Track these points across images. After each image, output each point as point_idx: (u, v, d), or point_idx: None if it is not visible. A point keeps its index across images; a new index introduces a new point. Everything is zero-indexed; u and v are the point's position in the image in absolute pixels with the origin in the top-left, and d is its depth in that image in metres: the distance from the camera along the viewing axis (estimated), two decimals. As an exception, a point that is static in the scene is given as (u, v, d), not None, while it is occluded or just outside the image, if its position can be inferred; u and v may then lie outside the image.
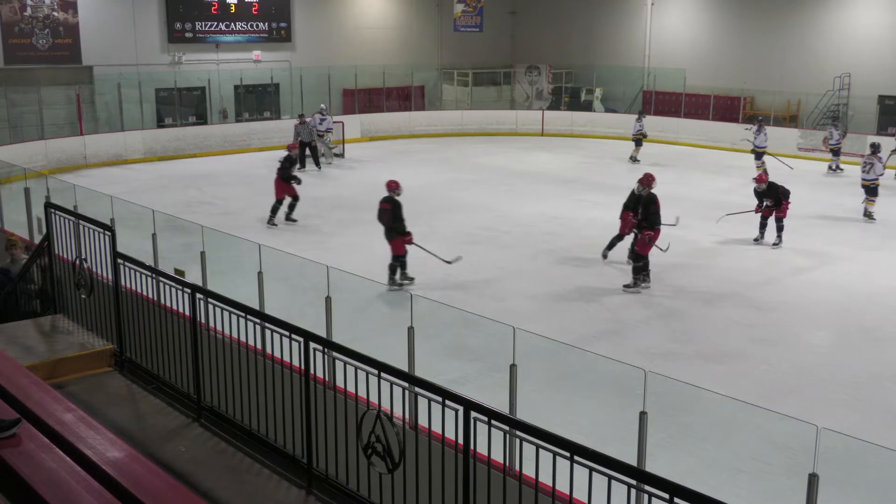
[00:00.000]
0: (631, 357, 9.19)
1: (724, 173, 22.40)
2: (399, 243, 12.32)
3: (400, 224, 12.28)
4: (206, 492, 5.82)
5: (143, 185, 20.15)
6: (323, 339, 5.90)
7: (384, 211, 12.37)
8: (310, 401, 5.87)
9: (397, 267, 12.39)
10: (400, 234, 12.27)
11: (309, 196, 19.30)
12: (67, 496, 4.04)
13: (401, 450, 5.17)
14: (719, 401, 7.65)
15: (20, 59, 23.64)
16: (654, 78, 30.29)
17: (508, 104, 32.85)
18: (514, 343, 5.46)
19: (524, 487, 4.70)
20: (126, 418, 7.04)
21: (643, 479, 3.99)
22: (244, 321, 6.45)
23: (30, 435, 4.61)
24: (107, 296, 8.15)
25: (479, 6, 30.56)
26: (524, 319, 10.42)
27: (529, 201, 18.61)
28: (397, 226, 12.27)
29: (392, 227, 12.28)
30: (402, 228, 12.29)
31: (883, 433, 7.94)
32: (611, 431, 7.77)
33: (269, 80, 27.78)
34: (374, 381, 5.32)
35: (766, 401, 7.66)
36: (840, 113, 25.76)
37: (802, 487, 4.30)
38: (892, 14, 25.09)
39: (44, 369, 7.51)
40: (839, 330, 11.22)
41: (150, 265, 7.85)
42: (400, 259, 12.39)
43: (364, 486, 5.65)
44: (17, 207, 12.54)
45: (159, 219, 9.54)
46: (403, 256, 12.38)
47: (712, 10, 29.26)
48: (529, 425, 4.48)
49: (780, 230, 14.74)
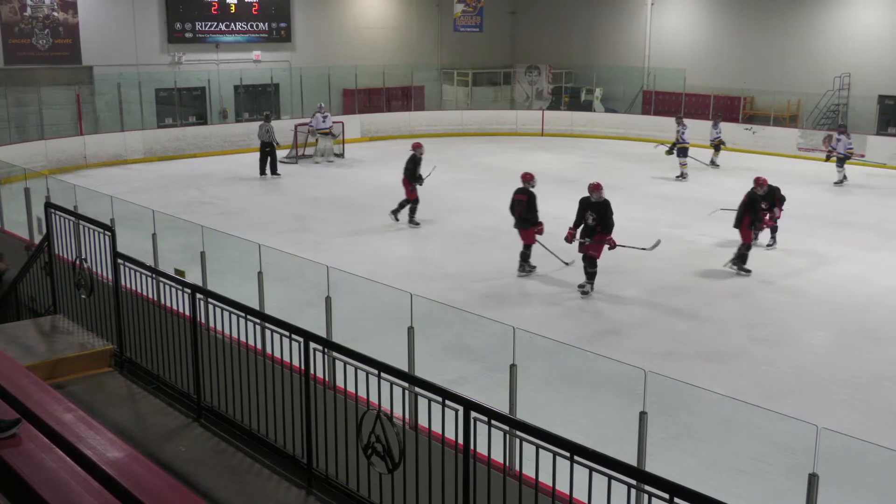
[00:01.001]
0: (631, 357, 9.19)
1: (724, 173, 22.38)
2: (531, 233, 12.99)
3: (533, 215, 12.91)
4: (206, 492, 5.82)
5: (143, 185, 20.15)
6: (323, 339, 5.90)
7: (518, 202, 12.99)
8: (310, 401, 5.87)
9: (528, 255, 13.10)
10: (532, 225, 12.90)
11: (309, 196, 19.34)
12: (67, 496, 4.04)
13: (401, 450, 5.17)
14: (719, 401, 7.66)
15: (20, 59, 23.63)
16: (654, 78, 30.28)
17: (508, 104, 32.86)
18: (514, 343, 5.45)
19: (524, 487, 4.70)
20: (126, 418, 7.04)
21: (643, 479, 3.99)
22: (244, 321, 6.45)
23: (30, 435, 4.61)
24: (107, 296, 8.14)
25: (479, 6, 30.56)
26: (524, 319, 10.43)
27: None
28: (530, 216, 12.91)
29: (525, 217, 12.91)
30: (535, 219, 12.91)
31: (883, 433, 7.94)
32: (611, 431, 7.77)
33: (269, 80, 27.78)
34: (374, 381, 5.31)
35: (766, 401, 7.67)
36: (840, 115, 25.73)
37: (802, 487, 4.30)
38: (892, 14, 25.08)
39: (44, 369, 7.50)
40: (839, 330, 11.22)
41: (150, 265, 7.84)
42: (530, 248, 13.08)
43: (364, 486, 5.65)
44: (17, 207, 12.53)
45: (159, 219, 9.54)
46: (532, 246, 13.10)
47: (712, 10, 29.26)
48: (529, 425, 4.48)
49: (773, 231, 14.72)
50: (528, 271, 13.15)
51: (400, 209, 16.40)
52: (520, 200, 12.96)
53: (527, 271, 13.15)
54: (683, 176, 21.31)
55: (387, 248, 14.65)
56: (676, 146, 21.56)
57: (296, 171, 22.66)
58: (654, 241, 13.22)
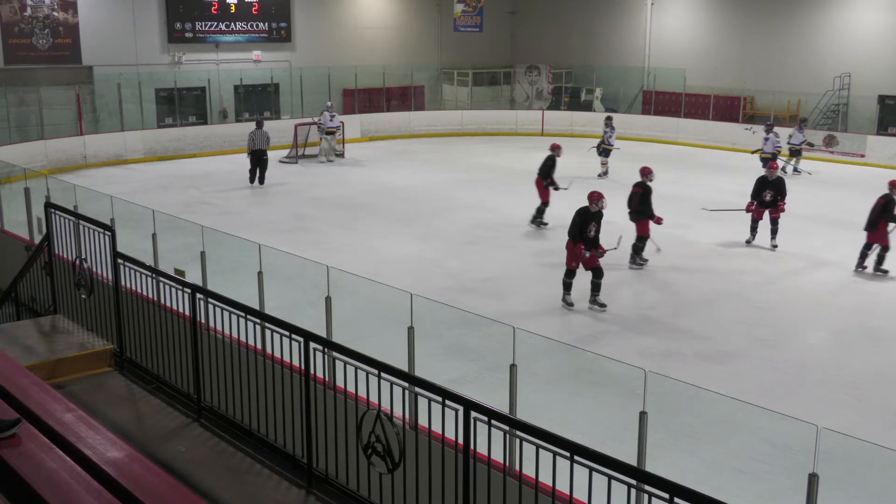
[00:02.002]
0: (631, 357, 9.19)
1: (724, 173, 22.38)
2: (645, 225, 13.29)
3: (647, 208, 13.20)
4: (206, 492, 5.82)
5: (143, 185, 20.15)
6: (323, 339, 5.90)
7: (634, 194, 13.35)
8: (310, 401, 5.87)
9: (641, 248, 13.34)
10: (647, 217, 13.24)
11: (309, 196, 19.34)
12: (67, 496, 4.04)
13: (401, 450, 5.17)
14: (719, 401, 7.66)
15: (20, 59, 23.64)
16: (654, 78, 30.29)
17: (508, 104, 32.85)
18: (514, 343, 5.45)
19: (524, 487, 4.70)
20: (126, 418, 7.04)
21: (643, 479, 4.00)
22: (244, 321, 6.45)
23: (30, 435, 4.61)
24: (107, 296, 8.15)
25: (479, 6, 30.55)
26: (524, 319, 10.43)
27: (529, 201, 18.59)
28: (644, 209, 13.21)
29: (639, 209, 13.22)
30: (650, 212, 13.21)
31: (883, 433, 7.94)
32: (611, 431, 7.77)
33: (269, 80, 27.78)
34: (374, 381, 5.32)
35: (766, 401, 7.66)
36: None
37: (802, 487, 4.30)
38: (892, 14, 25.09)
39: (44, 369, 7.51)
40: (839, 330, 11.21)
41: (150, 265, 7.85)
42: (643, 241, 13.32)
43: (364, 486, 5.65)
44: (17, 207, 12.52)
45: (159, 219, 9.53)
46: (646, 238, 13.33)
47: (712, 10, 29.26)
48: (529, 425, 4.48)
49: (774, 233, 14.68)
50: (639, 264, 13.38)
51: (539, 216, 16.04)
52: (636, 193, 13.34)
53: (638, 264, 13.38)
54: (606, 174, 21.40)
55: (387, 248, 14.64)
56: (601, 146, 21.62)
57: (296, 170, 22.66)
58: (618, 238, 12.94)
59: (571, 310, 11.57)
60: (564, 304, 11.62)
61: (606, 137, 21.64)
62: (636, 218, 13.39)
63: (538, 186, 16.22)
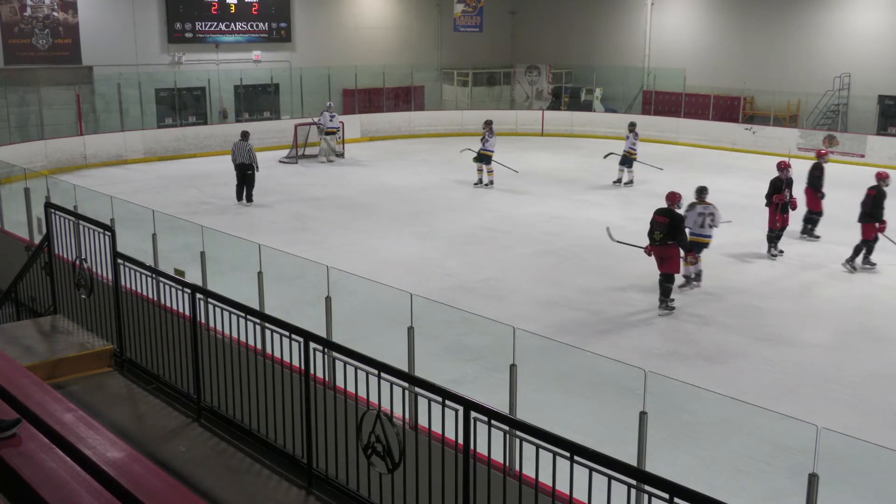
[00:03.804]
0: (631, 357, 9.20)
1: (724, 173, 22.36)
2: (870, 228, 13.40)
3: (878, 211, 13.41)
4: (206, 492, 5.82)
5: (143, 185, 20.15)
6: (323, 339, 5.90)
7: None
8: (310, 401, 5.87)
9: (872, 249, 13.59)
10: (876, 220, 13.39)
11: (309, 196, 19.34)
12: (67, 496, 4.04)
13: (401, 450, 5.17)
14: (719, 401, 7.66)
15: (20, 59, 23.63)
16: (654, 78, 30.28)
17: (508, 104, 32.85)
18: (514, 343, 5.45)
19: (524, 487, 4.70)
20: (126, 418, 7.04)
21: (643, 479, 3.99)
22: (244, 321, 6.45)
23: (30, 435, 4.61)
24: (107, 296, 8.14)
25: (479, 6, 30.54)
26: (524, 319, 10.43)
27: (529, 201, 18.61)
28: (875, 212, 13.39)
29: (869, 213, 13.40)
30: (880, 216, 13.39)
31: (883, 433, 7.94)
32: (611, 431, 7.77)
33: (269, 80, 27.78)
34: (374, 381, 5.32)
35: (766, 401, 7.67)
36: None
37: (802, 487, 4.30)
38: (892, 14, 25.08)
39: (44, 369, 7.51)
40: (839, 330, 11.22)
41: (150, 265, 7.85)
42: (872, 244, 13.50)
43: (364, 486, 5.65)
44: (17, 207, 12.53)
45: (159, 219, 9.54)
46: (873, 242, 13.48)
47: (712, 10, 29.26)
48: (529, 425, 4.48)
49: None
50: (812, 234, 14.88)
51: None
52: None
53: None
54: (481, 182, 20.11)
55: (386, 249, 14.64)
56: (480, 152, 20.08)
57: (296, 171, 22.66)
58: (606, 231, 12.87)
59: (574, 310, 11.57)
60: (668, 310, 11.50)
61: (484, 143, 20.02)
62: (865, 221, 13.50)
63: (807, 195, 15.72)
